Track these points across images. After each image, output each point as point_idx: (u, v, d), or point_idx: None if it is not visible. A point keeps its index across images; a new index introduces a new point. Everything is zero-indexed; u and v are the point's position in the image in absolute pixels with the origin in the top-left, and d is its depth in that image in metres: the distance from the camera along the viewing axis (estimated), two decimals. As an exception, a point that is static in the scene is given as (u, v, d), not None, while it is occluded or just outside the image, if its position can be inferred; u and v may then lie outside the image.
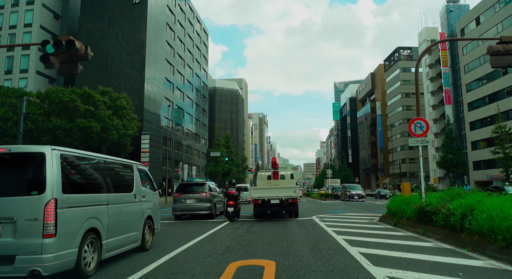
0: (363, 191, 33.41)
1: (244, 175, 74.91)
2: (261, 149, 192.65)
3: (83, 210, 5.47)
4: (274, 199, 14.37)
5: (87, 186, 5.92)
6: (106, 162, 6.65)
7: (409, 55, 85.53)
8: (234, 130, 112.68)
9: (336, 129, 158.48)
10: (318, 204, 27.22)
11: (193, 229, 11.42)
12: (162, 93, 55.64)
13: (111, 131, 36.92)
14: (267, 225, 11.95)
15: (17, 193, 4.88)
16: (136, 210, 7.32)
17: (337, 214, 16.21)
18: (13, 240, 4.69)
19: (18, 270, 4.63)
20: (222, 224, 13.16)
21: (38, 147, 5.08)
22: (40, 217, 4.74)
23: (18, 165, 5.13)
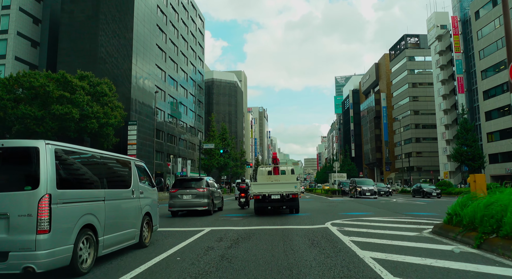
0: (376, 187, 29.28)
1: (243, 170, 70.75)
2: (261, 144, 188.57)
3: (78, 206, 5.36)
4: (274, 194, 14.23)
5: (82, 182, 5.81)
6: (102, 158, 6.53)
7: (417, 43, 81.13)
8: (233, 123, 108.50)
9: (338, 122, 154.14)
10: (326, 202, 23.14)
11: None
12: (153, 81, 51.42)
13: (90, 119, 32.78)
14: (257, 243, 7.56)
15: (10, 189, 4.78)
16: (133, 206, 7.21)
17: (357, 218, 12.05)
18: (6, 236, 4.61)
19: (11, 267, 4.54)
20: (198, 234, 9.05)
21: (31, 142, 5.00)
22: (34, 213, 4.65)
23: (11, 160, 5.04)
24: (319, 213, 14.56)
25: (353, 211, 15.32)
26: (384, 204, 20.83)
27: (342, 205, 19.20)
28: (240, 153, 73.19)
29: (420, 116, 78.04)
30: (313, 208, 17.68)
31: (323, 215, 13.55)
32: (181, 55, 63.96)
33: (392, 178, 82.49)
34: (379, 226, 9.81)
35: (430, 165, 75.18)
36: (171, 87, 58.49)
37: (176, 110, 60.23)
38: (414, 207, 18.05)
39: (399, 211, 15.21)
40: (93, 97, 35.32)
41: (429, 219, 11.51)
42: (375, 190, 28.55)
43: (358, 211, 14.96)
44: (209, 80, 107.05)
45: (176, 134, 59.57)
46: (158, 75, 53.61)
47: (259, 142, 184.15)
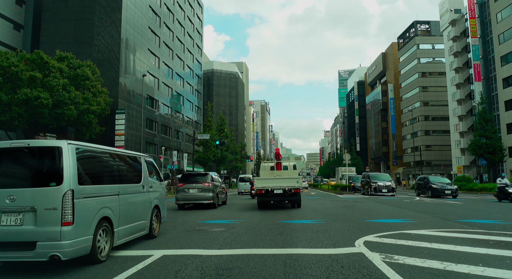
0: (393, 182, 25.26)
1: (243, 164, 66.85)
2: (263, 138, 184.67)
3: (97, 200, 5.76)
4: (277, 189, 14.73)
5: (100, 178, 6.17)
6: (116, 155, 6.91)
7: (427, 30, 76.74)
8: (234, 116, 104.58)
9: (342, 116, 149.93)
10: (337, 200, 19.19)
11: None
12: (145, 67, 47.46)
13: (67, 105, 28.94)
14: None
15: (36, 185, 5.20)
16: (144, 199, 7.61)
17: (400, 231, 8.04)
18: (34, 228, 5.01)
19: (39, 255, 4.96)
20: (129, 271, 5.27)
21: (55, 142, 5.42)
22: (59, 206, 5.06)
23: (37, 158, 5.43)
24: (336, 219, 10.62)
25: (381, 216, 11.37)
26: (410, 204, 16.92)
27: (361, 206, 15.24)
28: (240, 146, 69.23)
29: (430, 107, 73.88)
30: (324, 210, 13.83)
31: (342, 223, 9.60)
32: (177, 41, 59.89)
33: (400, 173, 78.55)
34: (454, 251, 5.77)
35: (440, 159, 71.13)
36: (165, 75, 54.53)
37: (171, 99, 56.31)
38: (457, 209, 14.14)
39: (448, 216, 11.20)
40: (73, 81, 31.51)
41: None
42: (393, 186, 24.56)
43: (390, 217, 10.98)
44: (209, 71, 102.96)
45: (171, 126, 55.71)
46: (151, 61, 49.64)
47: (261, 136, 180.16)
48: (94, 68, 34.21)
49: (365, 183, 25.99)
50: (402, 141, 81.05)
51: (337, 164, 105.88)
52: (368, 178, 25.55)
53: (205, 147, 42.15)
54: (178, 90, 59.83)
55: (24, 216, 5.04)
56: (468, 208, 14.62)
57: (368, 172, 26.91)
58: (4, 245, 4.99)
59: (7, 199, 5.08)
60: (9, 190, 5.13)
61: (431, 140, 73.30)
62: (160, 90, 52.30)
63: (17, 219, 5.05)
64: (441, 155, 70.97)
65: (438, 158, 71.57)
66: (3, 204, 5.07)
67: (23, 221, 5.03)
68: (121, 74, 41.34)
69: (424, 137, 72.65)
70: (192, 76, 67.24)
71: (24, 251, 4.93)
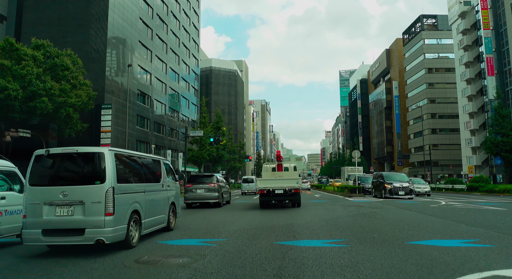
0: (411, 183, 21.88)
1: (242, 164, 63.54)
2: (263, 138, 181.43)
3: (129, 196, 7.05)
4: (278, 189, 15.49)
5: (131, 178, 7.47)
6: (143, 159, 8.42)
7: (434, 25, 73.50)
8: (233, 114, 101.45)
9: (344, 115, 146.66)
10: (349, 205, 15.81)
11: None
12: (136, 60, 44.27)
13: (40, 97, 25.75)
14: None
15: (84, 183, 6.49)
16: (163, 197, 8.91)
17: (493, 272, 4.60)
18: (83, 218, 6.27)
19: (87, 240, 6.20)
20: None
21: (98, 148, 6.72)
22: (102, 200, 6.31)
23: (85, 162, 6.76)
24: (362, 238, 7.13)
25: (425, 232, 7.88)
26: (444, 210, 13.67)
27: (383, 214, 11.84)
28: (239, 145, 65.96)
29: (437, 105, 70.63)
30: (338, 220, 10.51)
31: (377, 248, 6.15)
32: (172, 34, 56.69)
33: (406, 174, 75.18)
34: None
35: (448, 159, 67.82)
36: (159, 70, 51.34)
37: (166, 96, 53.11)
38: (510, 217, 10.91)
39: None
40: (52, 72, 28.37)
41: None
42: (411, 187, 21.27)
43: (440, 235, 7.43)
44: (207, 69, 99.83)
45: (165, 124, 52.52)
46: (142, 54, 46.45)
47: (261, 136, 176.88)
48: (76, 58, 31.08)
49: (377, 184, 22.69)
50: (408, 140, 77.82)
51: (340, 163, 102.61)
52: (381, 179, 22.25)
53: (199, 146, 38.89)
54: (173, 86, 56.65)
55: (74, 208, 6.32)
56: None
57: (382, 172, 23.50)
58: (58, 232, 6.30)
59: (60, 195, 6.34)
60: (62, 188, 6.40)
61: (438, 139, 70.07)
62: (153, 86, 49.12)
63: (69, 211, 6.33)
64: (449, 155, 67.71)
65: (446, 158, 68.30)
66: (57, 199, 6.34)
67: (73, 212, 6.31)
68: (108, 66, 38.16)
69: (431, 136, 69.38)
70: (188, 72, 64.03)
71: (75, 236, 6.23)
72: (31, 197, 6.38)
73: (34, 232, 6.25)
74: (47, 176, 6.67)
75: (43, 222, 6.25)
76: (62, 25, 38.39)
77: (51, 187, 6.44)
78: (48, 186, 6.48)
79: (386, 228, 8.79)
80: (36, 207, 6.30)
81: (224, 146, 45.28)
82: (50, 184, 6.52)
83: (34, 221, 6.28)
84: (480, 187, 33.71)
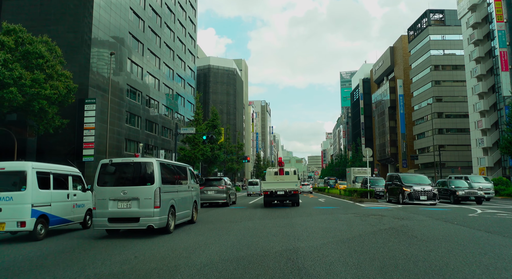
0: (434, 187, 18.52)
1: (240, 165, 60.34)
2: (263, 139, 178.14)
3: (169, 194, 9.48)
4: (280, 191, 17.87)
5: (170, 180, 10.02)
6: (176, 166, 11.12)
7: (441, 20, 70.47)
8: (232, 114, 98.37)
9: (346, 116, 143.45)
10: (364, 215, 12.24)
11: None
12: (125, 54, 41.19)
13: (9, 87, 22.67)
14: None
15: (139, 184, 8.93)
16: (189, 195, 11.35)
17: None
18: (138, 209, 8.72)
19: (141, 226, 8.72)
20: None
21: (149, 159, 9.30)
22: (152, 197, 8.72)
23: (138, 168, 9.24)
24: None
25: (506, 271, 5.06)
26: (488, 221, 10.55)
27: (424, 231, 8.62)
28: (237, 146, 62.79)
29: (445, 103, 67.55)
30: (365, 244, 7.18)
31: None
32: (166, 27, 53.63)
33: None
34: None
35: (456, 161, 64.67)
36: (152, 65, 48.27)
37: (158, 92, 50.02)
38: None
39: None
40: (24, 60, 25.32)
41: None
42: (434, 191, 18.09)
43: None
44: (205, 67, 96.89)
45: (158, 122, 49.40)
46: (133, 47, 43.37)
47: (261, 137, 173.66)
48: (53, 46, 28.02)
49: (393, 188, 19.41)
50: (414, 141, 74.68)
51: (342, 165, 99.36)
52: (398, 181, 19.01)
53: (192, 145, 35.71)
54: (168, 83, 53.54)
55: (131, 203, 8.71)
56: None
57: (399, 174, 20.04)
58: (120, 220, 8.74)
59: (121, 193, 8.75)
60: (122, 187, 8.86)
61: (446, 139, 66.93)
62: (145, 82, 46.04)
63: (128, 204, 8.72)
64: (457, 156, 64.59)
65: (454, 159, 65.17)
66: (119, 196, 8.74)
67: (131, 206, 8.69)
68: (94, 58, 35.07)
69: (438, 136, 66.21)
70: (183, 68, 60.89)
71: (132, 223, 8.69)
72: (99, 194, 8.66)
73: (101, 220, 8.60)
74: (111, 179, 8.96)
75: (108, 213, 8.57)
76: (44, 13, 35.40)
77: (114, 187, 8.78)
78: (112, 186, 8.82)
79: (449, 259, 5.61)
80: (103, 202, 8.59)
81: (220, 146, 42.19)
82: (114, 185, 8.86)
83: (101, 212, 8.58)
84: (500, 191, 30.62)
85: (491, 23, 50.88)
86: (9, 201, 8.52)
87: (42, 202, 9.01)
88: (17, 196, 8.56)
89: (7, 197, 8.53)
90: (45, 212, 9.09)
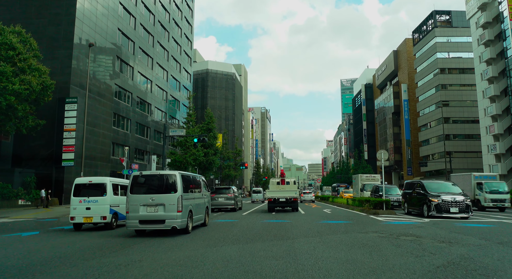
0: (466, 196, 15.19)
1: (238, 172, 57.12)
2: (263, 147, 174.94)
3: (188, 201, 11.09)
4: (282, 198, 20.93)
5: (188, 189, 11.54)
6: (193, 176, 12.72)
7: (448, 21, 67.78)
8: (230, 120, 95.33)
9: (347, 123, 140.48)
10: (392, 234, 8.66)
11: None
12: (113, 51, 38.31)
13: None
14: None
15: (165, 192, 10.59)
16: (202, 202, 12.90)
17: None
18: (164, 213, 10.35)
19: (166, 226, 10.32)
20: None
21: (173, 172, 10.98)
22: (175, 203, 10.38)
23: (165, 180, 10.83)
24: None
25: None
26: None
27: (508, 270, 5.44)
28: (234, 151, 59.65)
29: (452, 108, 64.55)
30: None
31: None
32: (159, 26, 50.86)
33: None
34: None
35: (465, 168, 61.37)
36: (143, 64, 45.38)
37: (151, 93, 47.03)
38: None
39: None
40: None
41: None
42: (467, 202, 14.94)
43: None
44: (203, 71, 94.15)
45: (150, 125, 46.37)
46: (123, 44, 40.51)
47: (261, 144, 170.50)
48: (28, 37, 25.14)
49: (415, 197, 16.23)
50: (419, 148, 71.55)
51: (344, 173, 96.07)
52: (421, 189, 15.76)
53: (183, 148, 32.61)
54: (161, 84, 50.62)
55: (158, 208, 10.38)
56: None
57: (422, 181, 16.63)
58: (149, 222, 10.34)
59: (150, 200, 10.42)
60: (151, 195, 10.55)
61: (453, 146, 63.78)
62: (136, 82, 43.11)
63: (155, 209, 10.39)
64: (466, 163, 61.34)
65: (463, 167, 61.88)
66: (148, 202, 10.40)
67: (158, 210, 10.37)
68: (76, 55, 32.15)
69: (446, 142, 63.12)
70: (179, 70, 58.02)
71: (159, 224, 10.30)
72: (131, 201, 10.53)
73: (134, 221, 10.42)
74: (141, 188, 10.85)
75: (139, 216, 10.38)
76: (24, 5, 32.56)
77: (144, 195, 10.62)
78: (142, 194, 10.66)
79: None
80: (135, 207, 10.42)
81: (216, 151, 39.11)
82: (143, 193, 10.72)
83: (134, 215, 10.41)
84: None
85: (503, 23, 48.12)
86: (96, 203, 12.69)
87: (115, 204, 13.13)
88: (101, 199, 12.72)
89: (94, 200, 12.71)
90: (117, 210, 13.23)
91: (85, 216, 12.55)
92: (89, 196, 12.73)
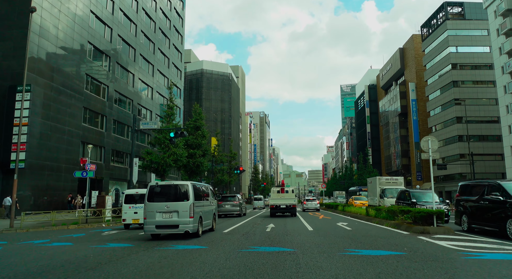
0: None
1: (232, 177, 51.53)
2: (262, 152, 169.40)
3: (198, 208, 12.07)
4: (282, 205, 23.92)
5: (199, 197, 12.47)
6: (202, 186, 13.79)
7: (460, 14, 62.67)
8: (226, 123, 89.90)
9: (349, 126, 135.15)
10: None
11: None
12: (85, 34, 32.99)
13: None
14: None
15: (179, 200, 11.60)
16: (210, 209, 13.98)
17: None
18: (178, 219, 11.39)
19: (180, 231, 11.33)
20: None
21: (185, 182, 12.04)
22: (187, 210, 11.43)
23: (178, 189, 11.88)
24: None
25: None
26: None
27: None
28: (229, 155, 54.11)
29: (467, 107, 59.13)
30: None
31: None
32: (144, 14, 45.56)
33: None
34: None
35: (482, 172, 55.82)
36: (124, 55, 40.04)
37: (132, 88, 41.62)
38: None
39: None
40: None
41: None
42: None
43: None
44: (197, 71, 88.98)
45: (130, 124, 40.91)
46: (94, 27, 35.18)
47: (260, 150, 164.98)
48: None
49: (482, 207, 10.46)
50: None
51: (347, 178, 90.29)
52: (500, 194, 10.15)
53: (161, 147, 27.08)
54: (145, 79, 45.24)
55: (173, 214, 11.42)
56: None
57: (500, 181, 10.84)
58: (164, 226, 11.39)
59: (165, 207, 11.47)
60: (166, 203, 11.56)
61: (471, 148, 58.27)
62: (111, 71, 37.68)
63: (170, 215, 11.44)
64: (483, 167, 55.83)
65: (480, 171, 56.34)
66: (164, 209, 11.46)
67: (172, 216, 11.41)
68: (34, 35, 26.77)
69: (460, 144, 57.75)
70: (167, 65, 52.67)
71: (173, 229, 11.37)
72: (149, 208, 11.52)
73: (151, 226, 11.41)
74: (157, 196, 11.71)
75: (156, 222, 11.40)
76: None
77: (160, 203, 11.57)
78: (158, 202, 11.60)
79: None
80: (152, 214, 11.46)
81: (204, 152, 33.61)
82: (159, 201, 11.62)
83: (151, 221, 11.42)
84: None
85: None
86: (141, 208, 15.66)
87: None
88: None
89: (140, 206, 16.17)
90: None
91: (133, 218, 16.69)
92: (136, 203, 16.67)
